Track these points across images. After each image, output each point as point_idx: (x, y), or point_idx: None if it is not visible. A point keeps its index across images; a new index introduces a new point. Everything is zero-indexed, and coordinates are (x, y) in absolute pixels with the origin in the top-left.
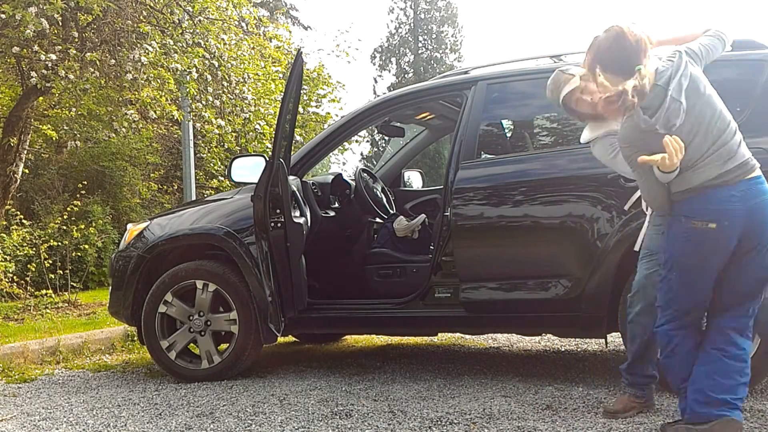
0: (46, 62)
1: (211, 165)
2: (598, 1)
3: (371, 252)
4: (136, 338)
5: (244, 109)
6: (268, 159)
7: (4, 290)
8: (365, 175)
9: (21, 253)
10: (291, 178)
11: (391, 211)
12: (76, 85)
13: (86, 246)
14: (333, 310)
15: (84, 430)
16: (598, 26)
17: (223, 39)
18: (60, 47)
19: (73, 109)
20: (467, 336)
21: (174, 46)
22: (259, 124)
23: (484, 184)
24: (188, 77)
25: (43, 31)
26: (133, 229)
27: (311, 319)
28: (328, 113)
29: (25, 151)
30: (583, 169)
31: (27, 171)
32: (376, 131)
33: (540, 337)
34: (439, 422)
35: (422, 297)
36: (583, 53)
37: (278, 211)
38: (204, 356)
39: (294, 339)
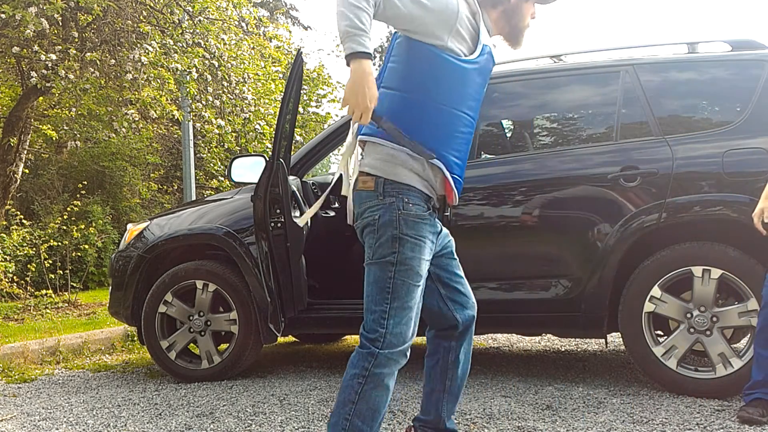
0: (46, 62)
1: (211, 165)
2: (597, 2)
3: None
4: (136, 338)
5: (244, 109)
6: (268, 159)
7: (4, 290)
8: None
9: (21, 253)
10: (291, 178)
11: None
12: (76, 85)
13: (86, 246)
14: (333, 310)
15: (84, 430)
16: (598, 26)
17: (223, 39)
18: (60, 47)
19: (73, 109)
20: None
21: (174, 46)
22: (259, 124)
23: (484, 184)
24: (188, 77)
25: (43, 31)
26: (133, 229)
27: (311, 319)
28: (328, 113)
29: (25, 151)
30: (583, 169)
31: (27, 171)
32: None
33: (540, 337)
34: None
35: None
36: (583, 53)
37: (278, 211)
38: (204, 356)
39: (294, 339)
